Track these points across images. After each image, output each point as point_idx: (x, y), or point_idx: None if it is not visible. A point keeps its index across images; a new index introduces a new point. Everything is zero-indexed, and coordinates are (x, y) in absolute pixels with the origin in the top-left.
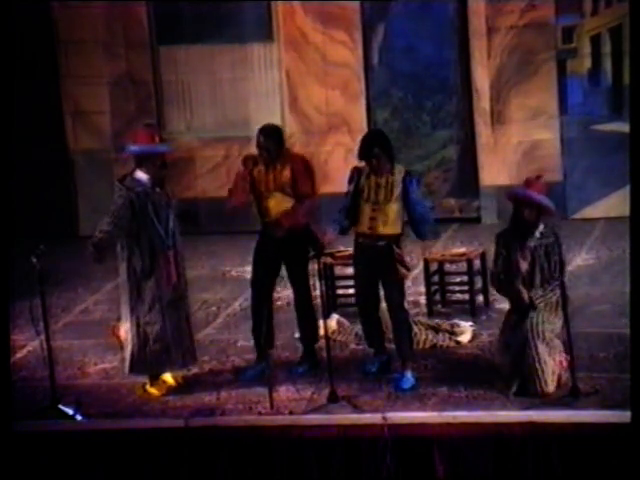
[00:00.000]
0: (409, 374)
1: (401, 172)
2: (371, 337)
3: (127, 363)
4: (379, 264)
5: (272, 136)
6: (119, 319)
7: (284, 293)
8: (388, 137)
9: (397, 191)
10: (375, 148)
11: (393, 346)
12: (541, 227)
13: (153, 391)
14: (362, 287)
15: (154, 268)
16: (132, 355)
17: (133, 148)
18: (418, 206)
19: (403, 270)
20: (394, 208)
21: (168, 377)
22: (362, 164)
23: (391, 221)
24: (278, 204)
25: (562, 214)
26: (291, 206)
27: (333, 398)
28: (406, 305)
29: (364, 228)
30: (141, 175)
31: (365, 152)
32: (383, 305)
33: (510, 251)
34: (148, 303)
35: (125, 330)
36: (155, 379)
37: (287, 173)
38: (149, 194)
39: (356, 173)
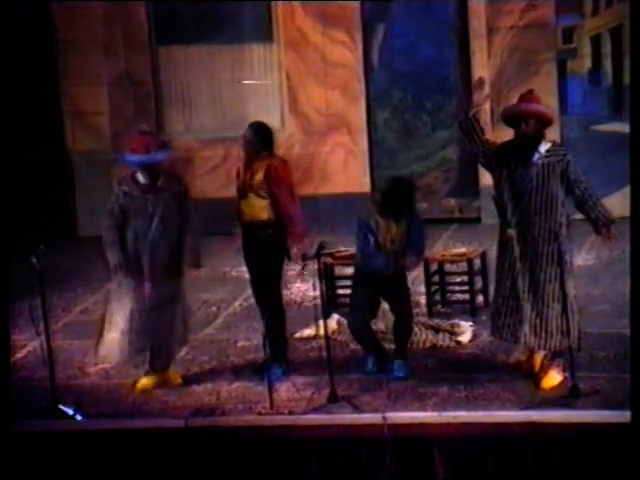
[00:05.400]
0: (401, 362)
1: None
2: (369, 349)
3: (101, 347)
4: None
5: (258, 133)
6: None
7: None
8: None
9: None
10: (406, 201)
11: (392, 346)
12: (548, 145)
13: (144, 381)
14: (362, 310)
15: (134, 274)
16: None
17: (130, 158)
18: (417, 243)
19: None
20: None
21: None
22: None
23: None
24: (251, 206)
25: None
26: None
27: (333, 398)
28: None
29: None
30: (140, 177)
31: (394, 203)
32: (385, 306)
33: (513, 168)
34: (129, 307)
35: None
36: (148, 374)
37: (260, 176)
38: (135, 198)
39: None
